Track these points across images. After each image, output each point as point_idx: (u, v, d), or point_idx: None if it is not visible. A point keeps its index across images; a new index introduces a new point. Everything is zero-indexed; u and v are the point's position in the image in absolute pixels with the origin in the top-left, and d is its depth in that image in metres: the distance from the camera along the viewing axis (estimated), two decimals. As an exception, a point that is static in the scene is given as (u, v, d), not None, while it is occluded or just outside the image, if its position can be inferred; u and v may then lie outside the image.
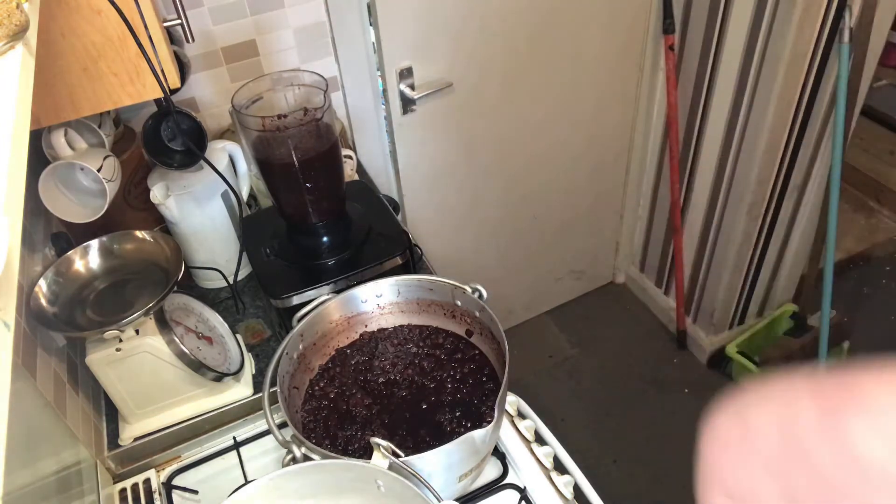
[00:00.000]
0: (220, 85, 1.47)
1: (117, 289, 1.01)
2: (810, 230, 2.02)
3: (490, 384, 0.98)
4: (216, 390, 1.10)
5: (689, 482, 0.38)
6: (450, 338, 1.06)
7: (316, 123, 1.05)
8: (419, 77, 1.68)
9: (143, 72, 0.89)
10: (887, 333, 2.32)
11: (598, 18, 1.83)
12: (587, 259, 2.47)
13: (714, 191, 1.97)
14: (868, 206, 2.74)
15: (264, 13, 1.43)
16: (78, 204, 1.10)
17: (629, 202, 2.37)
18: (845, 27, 1.55)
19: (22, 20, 0.53)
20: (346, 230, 1.18)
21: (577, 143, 2.09)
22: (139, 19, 0.86)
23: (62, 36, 0.83)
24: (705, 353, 2.27)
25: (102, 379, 1.01)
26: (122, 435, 1.07)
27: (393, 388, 1.00)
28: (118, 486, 1.04)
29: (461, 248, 2.12)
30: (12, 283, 0.43)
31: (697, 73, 1.85)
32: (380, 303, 1.08)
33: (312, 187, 1.09)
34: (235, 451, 1.08)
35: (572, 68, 1.90)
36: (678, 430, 2.11)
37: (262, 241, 1.19)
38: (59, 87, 0.87)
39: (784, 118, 1.70)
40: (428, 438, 0.92)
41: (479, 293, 0.99)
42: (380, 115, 1.72)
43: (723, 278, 2.07)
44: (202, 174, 1.23)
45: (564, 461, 1.01)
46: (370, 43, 1.60)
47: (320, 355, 1.05)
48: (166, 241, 1.05)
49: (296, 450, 0.84)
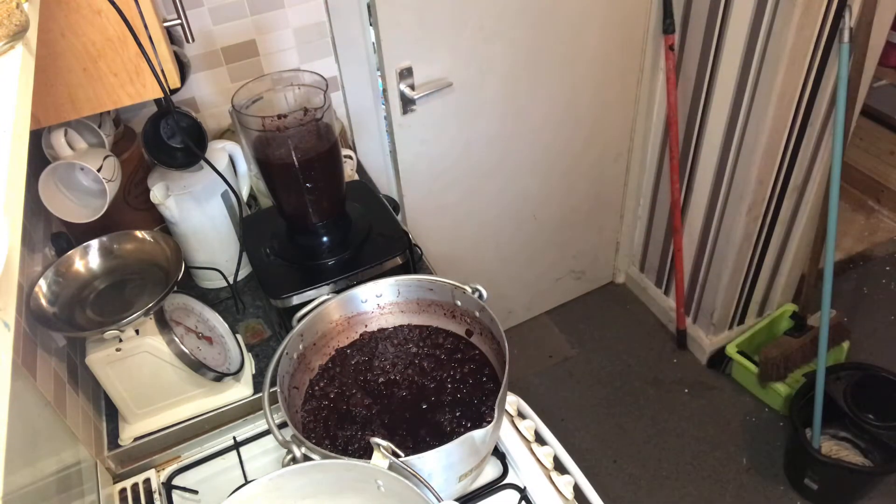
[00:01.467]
0: (220, 85, 1.47)
1: (117, 289, 1.01)
2: (810, 230, 2.02)
3: (490, 384, 0.98)
4: (216, 390, 1.10)
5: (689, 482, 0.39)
6: (450, 338, 1.06)
7: (316, 123, 1.05)
8: (419, 77, 1.68)
9: (143, 72, 0.89)
10: (887, 333, 2.32)
11: (598, 18, 1.83)
12: (587, 259, 2.47)
13: (714, 191, 1.97)
14: (868, 206, 2.74)
15: (264, 13, 1.43)
16: (78, 204, 1.10)
17: (629, 202, 2.37)
18: (845, 27, 1.55)
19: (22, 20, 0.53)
20: (346, 230, 1.18)
21: (577, 143, 2.09)
22: (139, 19, 0.86)
23: (62, 36, 0.83)
24: (705, 353, 2.27)
25: (102, 379, 1.01)
26: (122, 435, 1.07)
27: (393, 388, 1.00)
28: (118, 486, 1.04)
29: (461, 248, 2.12)
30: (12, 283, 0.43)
31: (697, 73, 1.85)
32: (380, 303, 1.08)
33: (312, 187, 1.09)
34: (235, 451, 1.08)
35: (572, 68, 1.90)
36: (678, 430, 2.11)
37: (262, 241, 1.19)
38: (59, 87, 0.87)
39: (784, 118, 1.70)
40: (428, 438, 0.92)
41: (479, 293, 0.99)
42: (380, 115, 1.72)
43: (723, 278, 2.07)
44: (202, 174, 1.23)
45: (564, 461, 1.01)
46: (370, 43, 1.60)
47: (320, 355, 1.05)
48: (166, 241, 1.05)
49: (296, 450, 0.84)
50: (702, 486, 1.96)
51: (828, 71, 1.65)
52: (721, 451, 2.04)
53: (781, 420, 2.11)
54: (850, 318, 2.34)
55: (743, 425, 2.11)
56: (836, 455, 1.88)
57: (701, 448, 2.06)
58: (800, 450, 1.88)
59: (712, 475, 1.98)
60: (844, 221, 2.65)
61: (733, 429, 2.10)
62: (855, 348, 2.20)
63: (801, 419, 1.85)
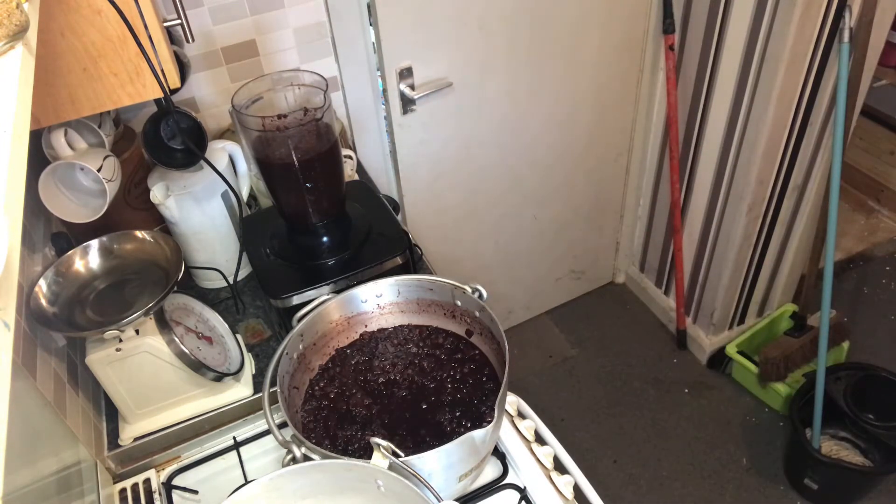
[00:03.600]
0: (220, 85, 1.47)
1: (117, 289, 1.01)
2: (810, 230, 2.02)
3: (490, 384, 0.98)
4: (216, 390, 1.10)
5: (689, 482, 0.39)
6: (450, 338, 1.06)
7: (316, 123, 1.05)
8: (419, 77, 1.68)
9: (143, 72, 0.89)
10: (887, 333, 2.32)
11: (598, 18, 1.83)
12: (587, 259, 2.47)
13: (714, 191, 1.97)
14: (868, 206, 2.74)
15: (264, 13, 1.43)
16: (78, 204, 1.10)
17: (629, 202, 2.37)
18: (845, 27, 1.55)
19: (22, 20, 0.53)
20: (346, 230, 1.18)
21: (577, 143, 2.09)
22: (139, 19, 0.86)
23: (62, 36, 0.83)
24: (705, 353, 2.27)
25: (102, 379, 1.01)
26: (122, 435, 1.07)
27: (393, 388, 1.00)
28: (118, 486, 1.04)
29: (461, 248, 2.12)
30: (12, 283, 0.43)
31: (697, 73, 1.85)
32: (380, 303, 1.08)
33: (312, 187, 1.09)
34: (235, 451, 1.08)
35: (572, 68, 1.90)
36: (678, 430, 2.11)
37: (262, 241, 1.19)
38: (59, 87, 0.87)
39: (784, 118, 1.70)
40: (428, 438, 0.92)
41: (479, 293, 0.99)
42: (380, 115, 1.72)
43: (723, 278, 2.07)
44: (202, 174, 1.23)
45: (564, 461, 1.01)
46: (370, 43, 1.60)
47: (320, 355, 1.05)
48: (166, 241, 1.05)
49: (296, 450, 0.84)
50: (702, 486, 1.96)
51: (828, 71, 1.65)
52: (721, 451, 2.04)
53: (781, 420, 2.11)
54: (850, 318, 2.34)
55: (743, 425, 2.11)
56: (836, 455, 1.88)
57: (701, 448, 2.06)
58: (800, 450, 1.88)
59: (712, 475, 1.98)
60: (844, 221, 2.65)
61: (733, 429, 2.10)
62: (855, 348, 2.20)
63: (801, 419, 1.85)
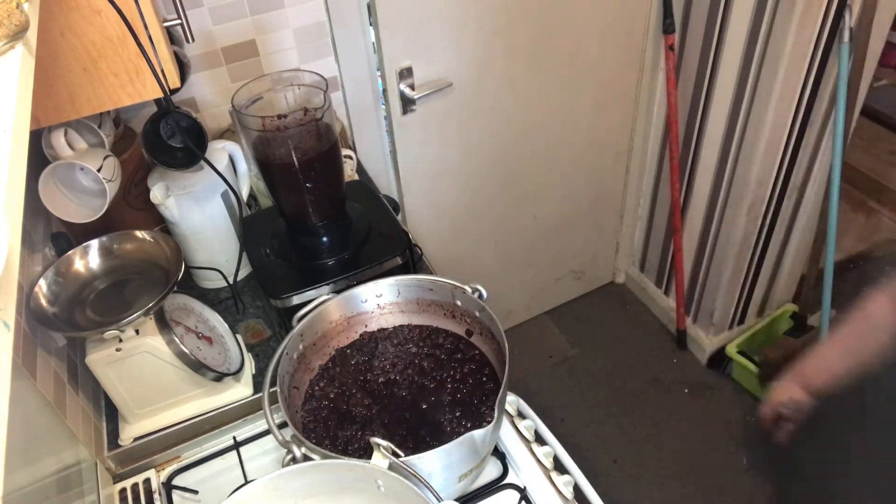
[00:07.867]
0: (220, 85, 1.47)
1: (117, 289, 1.01)
2: (810, 230, 2.02)
3: (490, 384, 0.98)
4: (216, 390, 1.10)
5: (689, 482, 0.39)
6: (450, 338, 1.06)
7: (316, 123, 1.05)
8: (419, 77, 1.68)
9: (143, 72, 0.89)
10: (887, 333, 2.32)
11: (598, 18, 1.83)
12: (587, 259, 2.47)
13: (714, 191, 1.97)
14: (868, 206, 2.74)
15: (264, 13, 1.43)
16: (78, 204, 1.10)
17: (629, 202, 2.37)
18: (845, 27, 1.55)
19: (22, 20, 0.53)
20: (346, 230, 1.18)
21: (577, 143, 2.09)
22: (139, 19, 0.86)
23: (62, 36, 0.83)
24: (705, 353, 2.27)
25: (102, 379, 1.01)
26: (122, 435, 1.07)
27: (393, 388, 1.00)
28: (118, 486, 1.04)
29: (461, 248, 2.12)
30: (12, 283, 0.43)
31: (697, 73, 1.85)
32: (380, 303, 1.08)
33: (312, 187, 1.09)
34: (235, 451, 1.08)
35: (572, 68, 1.90)
36: (678, 429, 2.11)
37: (262, 241, 1.19)
38: (59, 87, 0.87)
39: (784, 118, 1.70)
40: (428, 438, 0.92)
41: (479, 293, 0.99)
42: (380, 115, 1.72)
43: (723, 278, 2.07)
44: (202, 174, 1.23)
45: (564, 461, 1.01)
46: (370, 43, 1.60)
47: (320, 355, 1.05)
48: (166, 241, 1.05)
49: (296, 450, 0.84)
50: (702, 486, 1.96)
51: (828, 71, 1.65)
52: (721, 451, 2.04)
53: (781, 420, 2.11)
54: (850, 318, 2.34)
55: (743, 425, 2.11)
56: (836, 455, 1.87)
57: (701, 448, 2.05)
58: (800, 450, 1.87)
59: (712, 475, 1.98)
60: (844, 221, 2.64)
61: (733, 429, 2.10)
62: (855, 348, 2.19)
63: (801, 419, 1.85)
